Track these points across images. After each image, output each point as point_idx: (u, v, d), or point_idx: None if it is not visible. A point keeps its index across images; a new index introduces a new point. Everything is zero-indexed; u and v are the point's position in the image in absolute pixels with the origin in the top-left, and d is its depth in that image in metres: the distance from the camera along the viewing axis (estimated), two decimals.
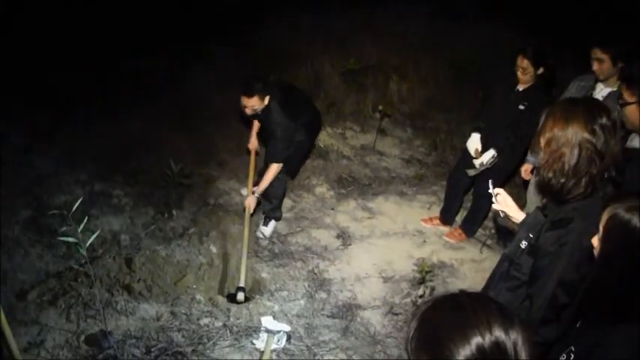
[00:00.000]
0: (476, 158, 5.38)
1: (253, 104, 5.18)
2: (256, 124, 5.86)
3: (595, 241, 2.21)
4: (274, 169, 5.41)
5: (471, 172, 5.46)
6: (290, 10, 9.06)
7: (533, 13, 8.62)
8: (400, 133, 7.95)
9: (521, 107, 5.10)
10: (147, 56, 7.63)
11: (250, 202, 5.50)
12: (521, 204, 3.53)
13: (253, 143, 5.95)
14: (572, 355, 2.20)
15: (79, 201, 3.78)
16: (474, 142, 5.42)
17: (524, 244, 2.74)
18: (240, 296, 4.93)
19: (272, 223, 5.81)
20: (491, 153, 5.27)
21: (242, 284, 5.00)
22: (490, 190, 3.10)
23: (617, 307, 2.11)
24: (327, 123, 7.67)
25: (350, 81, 8.40)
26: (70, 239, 3.76)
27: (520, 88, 5.17)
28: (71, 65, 6.85)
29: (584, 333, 2.27)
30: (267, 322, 4.51)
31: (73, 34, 7.27)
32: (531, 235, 2.71)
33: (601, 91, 4.57)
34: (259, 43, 8.24)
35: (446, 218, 6.07)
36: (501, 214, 3.08)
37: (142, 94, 7.08)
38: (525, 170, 5.24)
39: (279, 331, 4.42)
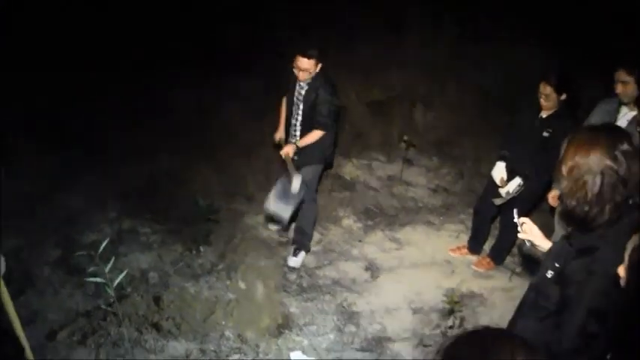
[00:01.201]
0: (502, 187, 5.35)
1: (309, 67, 5.18)
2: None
3: (621, 270, 2.18)
4: (318, 133, 5.41)
5: (498, 201, 5.44)
6: (313, 41, 9.09)
7: (561, 35, 8.51)
8: (426, 162, 7.92)
9: (546, 134, 5.07)
10: (175, 90, 7.72)
11: (289, 150, 5.46)
12: (548, 231, 3.49)
13: None
14: None
15: (106, 241, 3.82)
16: (500, 170, 5.40)
17: (550, 274, 2.70)
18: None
19: (302, 254, 5.81)
20: (517, 181, 5.24)
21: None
22: (515, 220, 3.08)
23: None
24: (352, 154, 7.69)
25: (375, 111, 8.40)
26: (98, 279, 3.80)
27: (544, 114, 5.14)
28: (100, 102, 6.97)
29: None
30: (297, 357, 4.49)
31: (105, 69, 7.40)
32: (557, 265, 2.67)
33: (625, 115, 4.54)
34: (284, 75, 8.30)
35: (474, 247, 6.03)
36: (527, 244, 3.05)
37: (170, 129, 7.15)
38: (553, 197, 5.16)
39: None
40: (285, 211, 5.41)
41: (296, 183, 5.34)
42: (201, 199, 5.43)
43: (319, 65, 5.25)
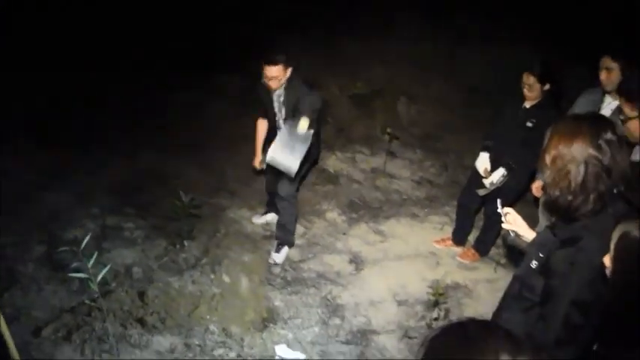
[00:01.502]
0: (485, 178, 5.35)
1: (277, 74, 5.05)
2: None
3: (607, 260, 2.18)
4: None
5: (481, 192, 5.44)
6: (299, 35, 9.07)
7: (561, 35, 8.48)
8: (410, 154, 7.93)
9: (529, 124, 5.07)
10: (174, 90, 7.70)
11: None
12: (532, 222, 3.49)
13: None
14: None
15: (88, 236, 3.80)
16: (483, 161, 5.40)
17: (534, 264, 2.68)
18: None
19: (284, 249, 5.78)
20: (500, 172, 5.24)
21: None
22: (499, 210, 3.08)
23: (634, 328, 2.06)
24: (336, 147, 7.68)
25: (359, 105, 8.39)
26: (81, 275, 3.77)
27: (527, 105, 5.15)
28: (100, 102, 6.97)
29: (602, 356, 2.22)
30: (282, 350, 4.49)
31: (105, 69, 7.38)
32: (541, 255, 2.65)
33: (609, 104, 4.53)
34: None
35: (458, 239, 6.04)
36: (511, 234, 3.05)
37: (167, 128, 7.15)
38: (537, 187, 5.16)
39: None
40: (292, 161, 4.95)
41: (303, 123, 4.97)
42: (185, 194, 5.39)
43: (289, 69, 5.16)
